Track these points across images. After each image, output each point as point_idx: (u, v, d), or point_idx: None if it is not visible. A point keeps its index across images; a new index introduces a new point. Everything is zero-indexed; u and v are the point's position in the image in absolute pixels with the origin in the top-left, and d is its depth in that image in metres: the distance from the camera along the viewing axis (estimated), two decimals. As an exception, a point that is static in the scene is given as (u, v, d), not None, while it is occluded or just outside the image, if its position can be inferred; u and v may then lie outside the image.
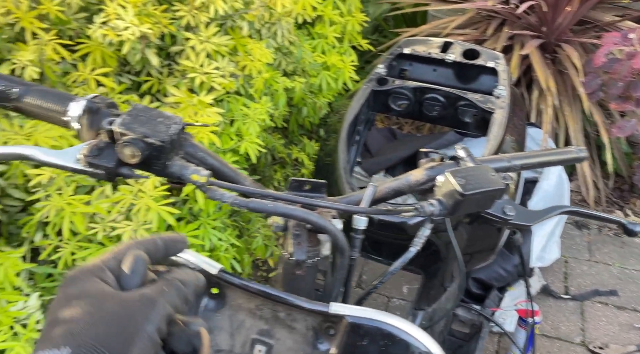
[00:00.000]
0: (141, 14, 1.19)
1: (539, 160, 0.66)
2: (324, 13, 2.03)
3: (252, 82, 1.46)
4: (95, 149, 0.51)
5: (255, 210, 0.54)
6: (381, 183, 0.63)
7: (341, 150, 1.22)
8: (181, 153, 0.55)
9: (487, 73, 1.41)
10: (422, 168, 0.63)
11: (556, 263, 1.84)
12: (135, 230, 1.08)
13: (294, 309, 0.55)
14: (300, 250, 0.56)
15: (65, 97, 0.55)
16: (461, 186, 0.55)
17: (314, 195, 0.63)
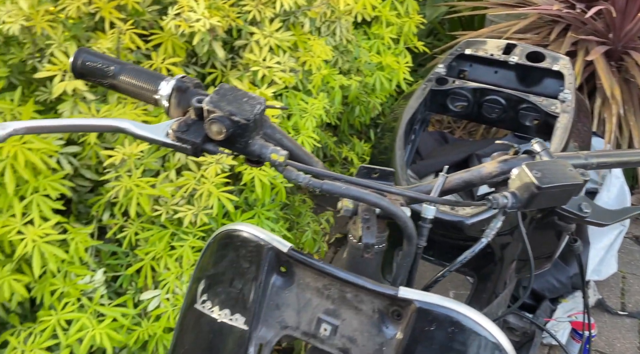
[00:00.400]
0: (211, 7, 1.23)
1: (617, 159, 0.64)
2: (382, 13, 2.03)
3: (311, 78, 1.49)
4: (184, 125, 0.53)
5: (328, 191, 0.56)
6: (452, 174, 0.63)
7: (398, 147, 1.22)
8: (261, 133, 0.58)
9: (551, 76, 1.37)
10: (496, 161, 0.63)
11: (613, 277, 1.76)
12: (196, 214, 1.12)
13: (362, 291, 0.55)
14: (370, 234, 0.57)
15: (156, 76, 0.58)
16: (537, 179, 0.55)
17: (382, 182, 0.64)
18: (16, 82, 1.20)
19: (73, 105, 1.11)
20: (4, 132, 0.49)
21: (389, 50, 2.05)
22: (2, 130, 0.49)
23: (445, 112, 1.44)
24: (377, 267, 0.62)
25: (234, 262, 0.62)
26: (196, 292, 0.65)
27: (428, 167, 2.14)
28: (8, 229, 1.00)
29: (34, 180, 1.04)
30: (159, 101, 0.57)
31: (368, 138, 2.31)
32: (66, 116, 1.09)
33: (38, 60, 1.17)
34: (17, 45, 1.19)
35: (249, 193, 1.32)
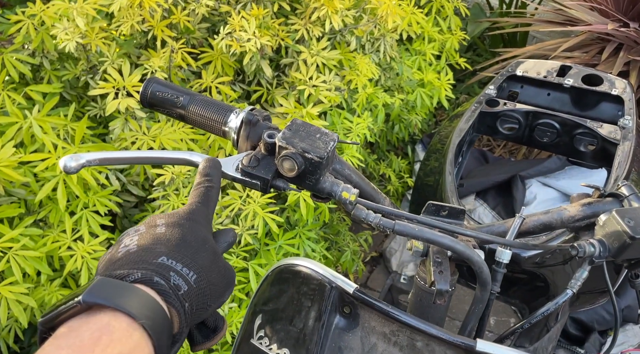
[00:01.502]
0: (261, 26, 1.23)
1: None
2: (424, 30, 2.00)
3: (356, 97, 1.47)
4: (254, 160, 0.52)
5: (400, 233, 0.53)
6: (529, 216, 0.60)
7: (448, 172, 1.19)
8: (330, 169, 0.55)
9: (609, 101, 1.32)
10: (578, 204, 0.59)
11: (666, 311, 1.66)
12: (240, 234, 1.11)
13: (434, 340, 0.52)
14: (443, 280, 0.53)
15: (225, 108, 0.57)
16: (630, 228, 0.51)
17: (451, 221, 0.61)
18: (68, 97, 1.22)
19: (124, 122, 1.11)
20: (77, 164, 0.48)
21: (430, 67, 2.02)
22: (75, 162, 0.48)
23: (494, 134, 1.40)
24: (445, 312, 0.59)
25: (294, 299, 0.60)
26: (253, 326, 0.63)
27: (469, 188, 2.08)
28: (58, 245, 1.00)
29: (84, 196, 1.05)
30: (228, 133, 0.56)
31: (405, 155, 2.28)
32: (117, 133, 1.10)
33: (91, 77, 1.18)
34: (71, 62, 1.22)
35: (291, 213, 1.31)
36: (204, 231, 0.44)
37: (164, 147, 1.07)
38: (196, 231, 0.43)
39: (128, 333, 0.34)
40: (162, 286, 0.37)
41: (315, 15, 1.29)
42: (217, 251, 0.44)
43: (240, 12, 1.20)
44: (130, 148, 1.06)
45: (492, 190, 2.07)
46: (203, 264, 0.41)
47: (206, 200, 0.47)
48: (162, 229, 0.42)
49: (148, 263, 0.38)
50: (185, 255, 0.40)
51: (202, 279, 0.40)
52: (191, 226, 0.43)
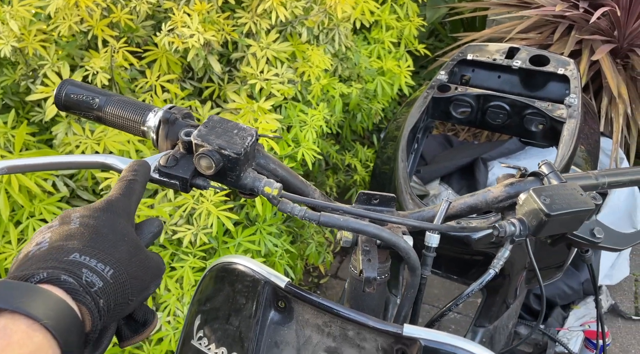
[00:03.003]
0: (205, 21, 1.21)
1: (630, 178, 0.61)
2: (381, 18, 2.00)
3: (310, 88, 1.46)
4: (172, 159, 0.51)
5: (326, 224, 0.53)
6: (456, 199, 0.60)
7: (401, 159, 1.19)
8: (253, 165, 0.55)
9: (556, 80, 1.34)
10: (501, 185, 0.60)
11: (625, 281, 1.72)
12: (195, 234, 1.10)
13: (364, 329, 0.53)
14: (371, 267, 0.54)
15: (143, 107, 0.56)
16: (546, 206, 0.52)
17: (382, 208, 0.61)
18: (11, 103, 1.19)
19: (67, 126, 1.08)
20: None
21: (389, 55, 2.02)
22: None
23: (448, 119, 1.42)
24: (380, 300, 0.59)
25: (230, 297, 0.59)
26: (193, 327, 0.62)
27: (433, 173, 2.11)
28: (4, 256, 0.98)
29: (30, 204, 1.02)
30: (147, 133, 0.55)
31: (371, 144, 2.28)
32: (60, 138, 1.07)
33: (31, 81, 1.15)
34: (9, 67, 1.18)
35: (250, 209, 1.30)
36: (122, 223, 0.43)
37: (110, 150, 1.05)
38: (114, 223, 0.42)
39: (27, 335, 0.33)
40: (70, 284, 0.36)
41: (261, 7, 1.27)
42: (139, 244, 0.43)
43: (183, 7, 1.18)
44: (74, 152, 1.04)
45: (456, 174, 2.10)
46: (121, 257, 0.40)
47: (128, 192, 0.46)
48: (76, 224, 0.41)
49: (58, 261, 0.37)
50: (101, 250, 0.40)
51: (120, 273, 0.39)
52: (108, 219, 0.42)
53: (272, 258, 1.32)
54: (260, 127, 1.21)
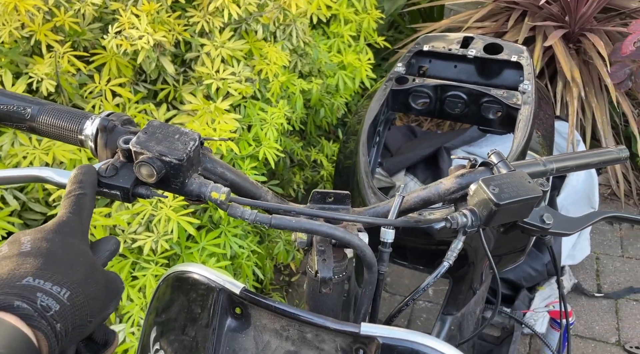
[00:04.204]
0: (155, 21, 1.18)
1: (577, 162, 0.62)
2: (339, 12, 2.00)
3: (269, 86, 1.44)
4: (111, 169, 0.49)
5: (277, 226, 0.52)
6: (409, 193, 0.60)
7: (362, 153, 1.19)
8: (199, 170, 0.53)
9: (511, 67, 1.36)
10: (453, 176, 0.60)
11: (587, 260, 1.78)
12: (156, 241, 1.07)
13: (322, 330, 0.52)
14: (326, 267, 0.53)
15: (79, 115, 0.53)
16: (495, 195, 0.52)
17: (337, 206, 0.60)
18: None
19: (13, 137, 1.04)
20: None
21: (349, 49, 2.02)
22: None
23: (408, 111, 1.42)
24: (338, 300, 0.58)
25: (184, 307, 0.58)
26: (149, 340, 0.60)
27: (398, 164, 2.12)
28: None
29: (-24, 221, 0.97)
30: (85, 142, 0.52)
31: (337, 138, 2.28)
32: (6, 149, 1.02)
33: (-29, 91, 1.09)
34: (-53, 77, 1.11)
35: (213, 211, 1.27)
36: (77, 243, 0.42)
37: (60, 160, 1.00)
38: (67, 244, 0.41)
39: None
40: (24, 310, 0.35)
41: (212, 5, 1.24)
42: (95, 263, 0.42)
43: (131, 8, 1.14)
44: (22, 163, 0.99)
45: (421, 164, 2.12)
46: (78, 279, 0.39)
47: (78, 209, 0.44)
48: (27, 247, 0.39)
49: (11, 287, 0.36)
50: (56, 272, 0.38)
51: (77, 295, 0.38)
52: (61, 240, 0.41)
53: (239, 260, 1.30)
54: (218, 127, 1.18)
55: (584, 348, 1.56)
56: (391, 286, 1.85)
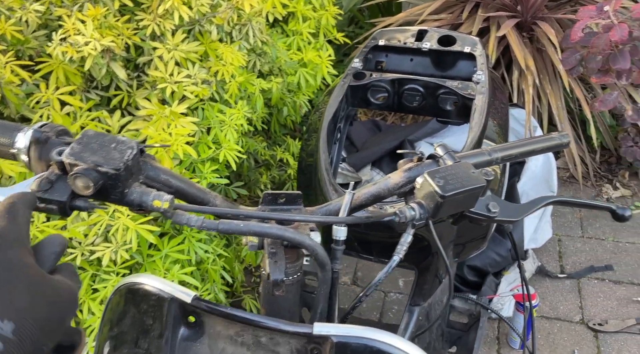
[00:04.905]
0: (102, 27, 1.14)
1: (521, 150, 0.64)
2: (296, 9, 1.99)
3: (226, 87, 1.42)
4: (45, 183, 0.47)
5: (226, 231, 0.51)
6: (359, 189, 0.60)
7: (322, 151, 1.19)
8: (141, 178, 0.52)
9: (465, 58, 1.39)
10: (401, 170, 0.60)
11: (550, 242, 1.83)
12: (115, 251, 1.04)
13: (276, 333, 0.52)
14: (278, 270, 0.53)
15: (11, 128, 0.51)
16: (440, 187, 0.53)
17: (289, 207, 0.60)
18: None
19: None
20: None
21: (309, 46, 2.01)
22: None
23: (367, 106, 1.43)
24: (294, 301, 0.58)
25: (137, 319, 0.56)
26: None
27: (363, 159, 2.13)
28: None
29: None
30: (17, 156, 0.50)
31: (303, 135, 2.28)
32: (-51, 166, 0.98)
33: None
34: None
35: (176, 217, 1.25)
36: (16, 256, 0.36)
37: (9, 174, 0.96)
38: (5, 261, 0.36)
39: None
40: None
41: (162, 8, 1.22)
42: (41, 276, 0.37)
43: (76, 14, 1.11)
44: (-34, 181, 0.95)
45: (386, 158, 2.14)
46: (22, 304, 0.34)
47: (10, 215, 0.39)
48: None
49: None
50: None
51: (24, 324, 0.33)
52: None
53: (205, 265, 1.28)
54: (174, 132, 1.16)
55: (550, 328, 1.61)
56: (362, 280, 1.86)
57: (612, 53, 1.75)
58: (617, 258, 1.81)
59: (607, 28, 1.71)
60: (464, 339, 1.38)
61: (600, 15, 1.71)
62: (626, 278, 1.74)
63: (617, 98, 1.85)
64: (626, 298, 1.68)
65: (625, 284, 1.72)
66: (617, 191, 2.09)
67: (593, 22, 1.73)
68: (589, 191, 2.11)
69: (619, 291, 1.70)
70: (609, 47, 1.74)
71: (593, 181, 2.14)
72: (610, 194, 2.08)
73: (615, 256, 1.82)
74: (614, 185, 2.13)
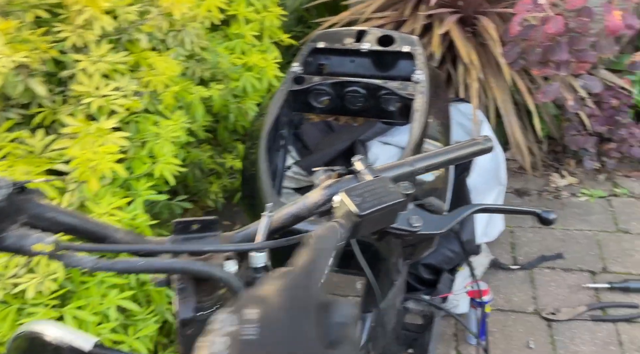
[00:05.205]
0: (14, 41, 1.06)
1: (444, 158, 0.62)
2: (238, 11, 1.93)
3: (161, 98, 1.36)
4: None
5: (124, 271, 0.46)
6: (278, 211, 0.57)
7: (262, 161, 1.15)
8: (24, 219, 0.46)
9: (405, 58, 1.37)
10: (320, 188, 0.57)
11: (502, 234, 1.85)
12: (41, 282, 0.97)
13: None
14: (186, 307, 0.48)
15: None
16: (357, 206, 0.50)
17: (205, 234, 0.56)
18: None
19: None
20: None
21: (254, 49, 1.96)
22: None
23: (311, 110, 1.40)
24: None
25: (35, 372, 0.51)
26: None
27: (316, 161, 2.09)
28: None
29: None
30: None
31: (253, 141, 2.22)
32: None
33: None
34: None
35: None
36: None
37: None
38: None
39: None
40: None
41: (81, 18, 1.14)
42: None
43: (-17, 28, 1.02)
44: None
45: (340, 159, 2.11)
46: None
47: None
48: None
49: None
50: None
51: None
52: None
53: (147, 286, 1.22)
54: (101, 150, 1.09)
55: (505, 320, 1.63)
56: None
57: (550, 45, 1.79)
58: (566, 246, 1.85)
59: (544, 20, 1.74)
60: (420, 340, 1.37)
61: (536, 8, 1.74)
62: (575, 265, 1.78)
63: (558, 89, 1.89)
64: (576, 285, 1.71)
65: (575, 271, 1.76)
66: (564, 180, 2.14)
67: (530, 15, 1.76)
68: (538, 181, 2.16)
69: (570, 278, 1.74)
70: (547, 39, 1.77)
71: (541, 171, 2.19)
72: (558, 183, 2.13)
73: (564, 244, 1.86)
74: (561, 174, 2.18)
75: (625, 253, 1.81)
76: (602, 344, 1.53)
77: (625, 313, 1.61)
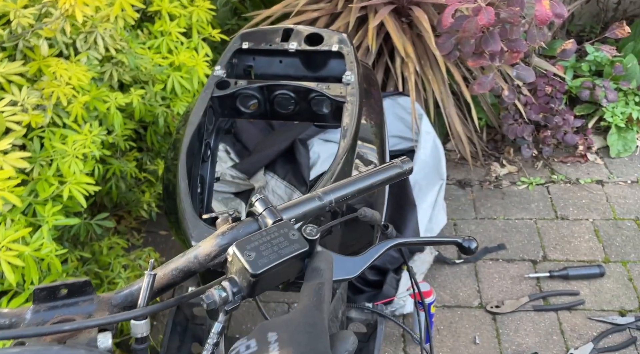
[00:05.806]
0: None
1: (358, 187, 0.56)
2: (161, 7, 1.80)
3: (68, 110, 1.23)
4: None
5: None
6: (162, 267, 0.49)
7: (181, 178, 1.05)
8: None
9: (335, 57, 1.30)
10: (212, 237, 0.49)
11: (446, 228, 1.84)
12: None
13: None
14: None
15: None
16: (251, 263, 0.43)
17: (76, 300, 0.47)
18: None
19: None
20: None
21: (182, 46, 1.84)
22: None
23: (239, 116, 1.31)
24: None
25: None
26: None
27: (256, 163, 2.01)
28: None
29: None
30: None
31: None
32: None
33: None
34: None
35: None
36: None
37: None
38: None
39: None
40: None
41: (-41, 25, 1.00)
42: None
43: None
44: None
45: (280, 160, 2.04)
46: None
47: None
48: None
49: None
50: None
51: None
52: None
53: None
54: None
55: (452, 317, 1.62)
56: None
57: (483, 36, 1.77)
58: (508, 236, 1.87)
59: (476, 11, 1.71)
60: (365, 349, 1.33)
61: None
62: (517, 255, 1.80)
63: (493, 79, 1.88)
64: (519, 276, 1.73)
65: (517, 261, 1.78)
66: (505, 169, 2.16)
67: (462, 6, 1.73)
68: (479, 171, 2.16)
69: (512, 269, 1.76)
70: (480, 30, 1.75)
71: (482, 160, 2.20)
72: (498, 172, 2.15)
73: (506, 235, 1.88)
74: (501, 163, 2.20)
75: (564, 239, 1.84)
76: (544, 334, 1.55)
77: (565, 301, 1.64)
